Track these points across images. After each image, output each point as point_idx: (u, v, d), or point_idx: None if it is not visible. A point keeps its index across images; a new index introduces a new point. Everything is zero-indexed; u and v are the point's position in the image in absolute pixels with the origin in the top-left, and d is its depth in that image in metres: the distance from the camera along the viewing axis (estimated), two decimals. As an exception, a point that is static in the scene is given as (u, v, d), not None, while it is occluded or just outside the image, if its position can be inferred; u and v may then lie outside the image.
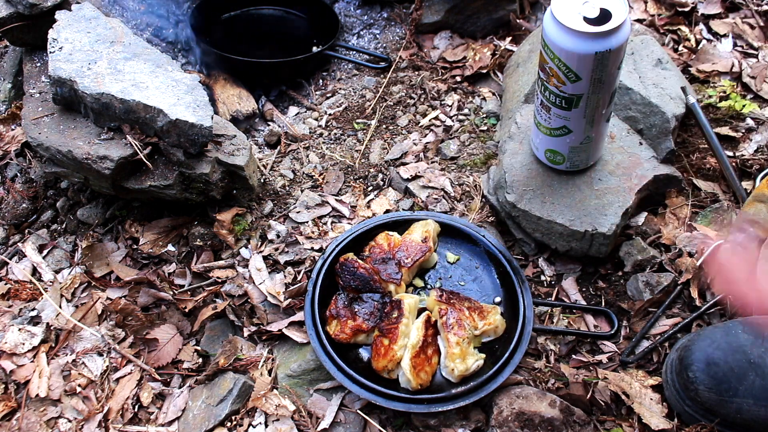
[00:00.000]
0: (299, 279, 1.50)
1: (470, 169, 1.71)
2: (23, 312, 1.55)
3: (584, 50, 1.23)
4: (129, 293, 1.56)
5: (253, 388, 1.38)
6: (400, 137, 1.81)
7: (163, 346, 1.48)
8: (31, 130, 1.52)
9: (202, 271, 1.56)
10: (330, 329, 1.37)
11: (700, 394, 1.19)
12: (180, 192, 1.53)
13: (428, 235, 1.48)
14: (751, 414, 1.16)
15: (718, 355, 1.20)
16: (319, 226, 1.61)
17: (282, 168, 1.76)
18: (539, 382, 1.34)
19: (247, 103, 1.88)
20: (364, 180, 1.72)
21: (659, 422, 1.24)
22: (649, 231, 1.51)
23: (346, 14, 2.16)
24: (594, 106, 1.34)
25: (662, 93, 1.58)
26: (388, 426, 1.31)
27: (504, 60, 1.94)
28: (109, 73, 1.50)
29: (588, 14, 1.22)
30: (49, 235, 1.72)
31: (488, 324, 1.35)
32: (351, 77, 2.01)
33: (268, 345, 1.46)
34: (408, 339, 1.32)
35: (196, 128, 1.44)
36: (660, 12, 2.04)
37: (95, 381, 1.43)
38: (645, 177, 1.50)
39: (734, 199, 1.56)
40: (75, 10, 1.66)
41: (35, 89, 1.64)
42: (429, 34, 2.08)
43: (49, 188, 1.79)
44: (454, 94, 1.91)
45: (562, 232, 1.45)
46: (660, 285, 1.42)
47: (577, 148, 1.43)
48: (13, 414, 1.39)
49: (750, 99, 1.77)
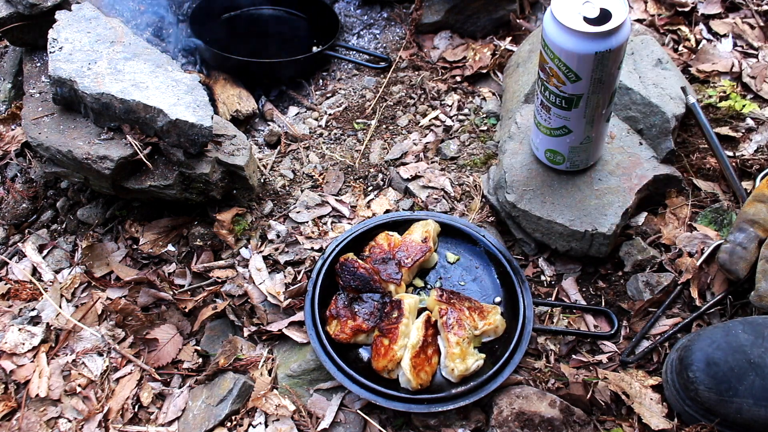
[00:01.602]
0: (299, 279, 1.50)
1: (470, 169, 1.71)
2: (23, 312, 1.55)
3: (584, 50, 1.23)
4: (129, 293, 1.56)
5: (253, 388, 1.38)
6: (400, 137, 1.81)
7: (163, 346, 1.48)
8: (31, 130, 1.52)
9: (202, 271, 1.56)
10: (330, 329, 1.37)
11: (700, 394, 1.19)
12: (180, 192, 1.53)
13: (428, 235, 1.48)
14: (751, 414, 1.16)
15: (718, 355, 1.19)
16: (319, 226, 1.61)
17: (282, 168, 1.76)
18: (539, 382, 1.34)
19: (247, 103, 1.88)
20: (364, 180, 1.72)
21: (659, 422, 1.24)
22: (649, 231, 1.51)
23: (346, 14, 2.16)
24: (594, 106, 1.34)
25: (662, 93, 1.57)
26: (388, 426, 1.31)
27: (504, 60, 1.94)
28: (109, 73, 1.50)
29: (588, 14, 1.22)
30: (49, 235, 1.72)
31: (488, 324, 1.35)
32: (351, 77, 2.01)
33: (268, 345, 1.46)
34: (408, 339, 1.32)
35: (196, 128, 1.44)
36: (660, 12, 2.04)
37: (95, 381, 1.43)
38: (645, 177, 1.50)
39: (734, 199, 1.56)
40: (75, 10, 1.66)
41: (35, 89, 1.64)
42: (429, 34, 2.08)
43: (49, 188, 1.79)
44: (454, 94, 1.91)
45: (562, 232, 1.45)
46: (660, 285, 1.42)
47: (577, 148, 1.43)
48: (13, 414, 1.39)
49: (750, 99, 1.77)
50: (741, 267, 1.34)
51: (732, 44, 1.94)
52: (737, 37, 1.96)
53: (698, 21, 2.01)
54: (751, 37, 1.96)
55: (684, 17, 2.02)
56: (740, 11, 2.04)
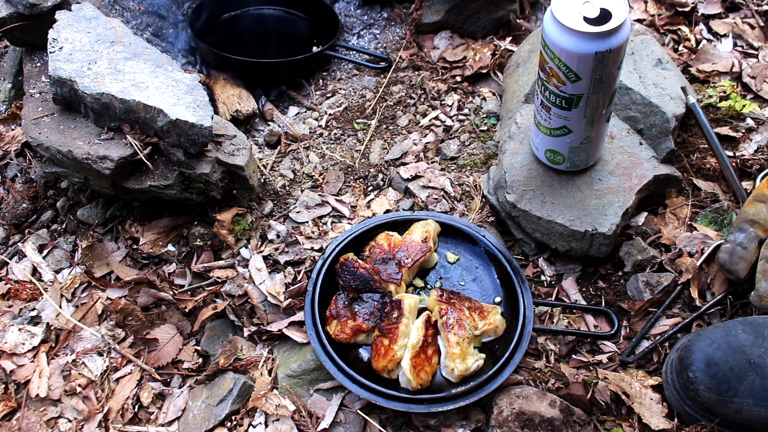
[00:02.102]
0: (299, 279, 1.50)
1: (470, 169, 1.71)
2: (23, 312, 1.55)
3: (584, 50, 1.23)
4: (129, 293, 1.56)
5: (253, 388, 1.38)
6: (400, 137, 1.81)
7: (163, 346, 1.48)
8: (31, 130, 1.52)
9: (202, 271, 1.56)
10: (330, 329, 1.37)
11: (700, 394, 1.19)
12: (180, 192, 1.53)
13: (428, 235, 1.48)
14: (751, 414, 1.16)
15: (718, 355, 1.19)
16: (319, 226, 1.61)
17: (282, 168, 1.76)
18: (539, 382, 1.34)
19: (247, 103, 1.88)
20: (364, 180, 1.72)
21: (659, 422, 1.24)
22: (649, 231, 1.51)
23: (346, 14, 2.16)
24: (594, 106, 1.34)
25: (662, 93, 1.57)
26: (388, 426, 1.31)
27: (504, 60, 1.94)
28: (109, 73, 1.50)
29: (588, 14, 1.22)
30: (49, 235, 1.72)
31: (488, 324, 1.35)
32: (351, 77, 2.01)
33: (268, 345, 1.46)
34: (408, 339, 1.32)
35: (196, 128, 1.44)
36: (660, 12, 2.04)
37: (95, 381, 1.43)
38: (645, 177, 1.50)
39: (734, 199, 1.56)
40: (75, 10, 1.66)
41: (35, 89, 1.64)
42: (429, 34, 2.08)
43: (49, 188, 1.79)
44: (454, 94, 1.91)
45: (562, 232, 1.45)
46: (660, 285, 1.42)
47: (577, 148, 1.43)
48: (13, 414, 1.39)
49: (750, 99, 1.77)
50: (741, 267, 1.34)
51: (732, 44, 1.94)
52: (737, 37, 1.96)
53: (698, 21, 2.01)
54: (751, 37, 1.96)
55: (684, 17, 2.02)
56: (740, 11, 2.04)
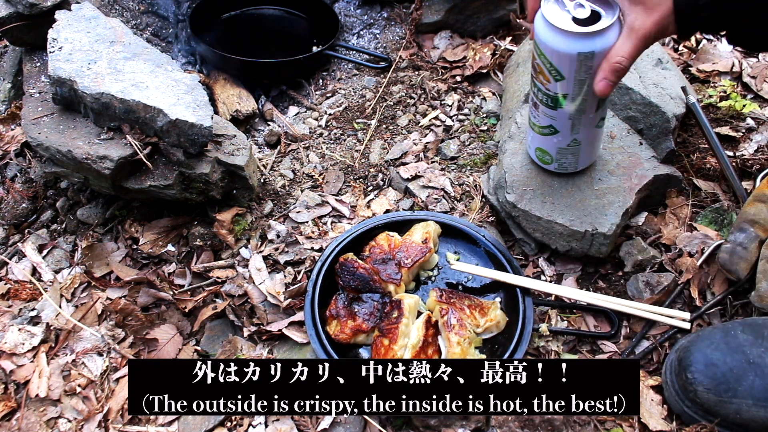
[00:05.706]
0: (299, 279, 1.50)
1: (470, 169, 1.71)
2: (23, 312, 1.55)
3: (567, 49, 1.22)
4: (129, 293, 1.56)
5: (253, 388, 1.38)
6: (400, 137, 1.81)
7: (163, 346, 1.48)
8: (31, 130, 1.52)
9: (202, 271, 1.56)
10: (330, 329, 1.37)
11: (700, 395, 1.19)
12: (180, 192, 1.53)
13: (429, 236, 1.48)
14: (751, 414, 1.16)
15: (718, 355, 1.19)
16: (319, 226, 1.61)
17: (282, 168, 1.76)
18: (539, 382, 1.34)
19: (247, 103, 1.87)
20: (364, 180, 1.72)
21: (659, 423, 1.24)
22: (649, 231, 1.51)
23: (346, 14, 2.16)
24: (579, 109, 1.33)
25: (662, 93, 1.57)
26: (388, 426, 1.31)
27: (504, 60, 1.94)
28: (109, 73, 1.50)
29: (579, 15, 1.21)
30: (49, 235, 1.72)
31: (490, 320, 1.36)
32: (351, 77, 2.01)
33: (268, 345, 1.46)
34: (408, 339, 1.32)
35: (196, 128, 1.44)
36: (660, 12, 2.03)
37: (95, 381, 1.43)
38: (645, 177, 1.50)
39: (734, 199, 1.56)
40: (75, 10, 1.66)
41: (35, 89, 1.64)
42: (429, 34, 2.08)
43: (49, 188, 1.79)
44: (454, 94, 1.91)
45: (562, 232, 1.45)
46: (660, 285, 1.42)
47: (564, 150, 1.43)
48: (13, 414, 1.39)
49: (750, 99, 1.77)
50: (741, 267, 1.34)
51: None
52: (737, 37, 1.96)
53: (698, 21, 2.01)
54: (752, 37, 1.95)
55: (684, 17, 2.01)
56: (740, 11, 2.03)
